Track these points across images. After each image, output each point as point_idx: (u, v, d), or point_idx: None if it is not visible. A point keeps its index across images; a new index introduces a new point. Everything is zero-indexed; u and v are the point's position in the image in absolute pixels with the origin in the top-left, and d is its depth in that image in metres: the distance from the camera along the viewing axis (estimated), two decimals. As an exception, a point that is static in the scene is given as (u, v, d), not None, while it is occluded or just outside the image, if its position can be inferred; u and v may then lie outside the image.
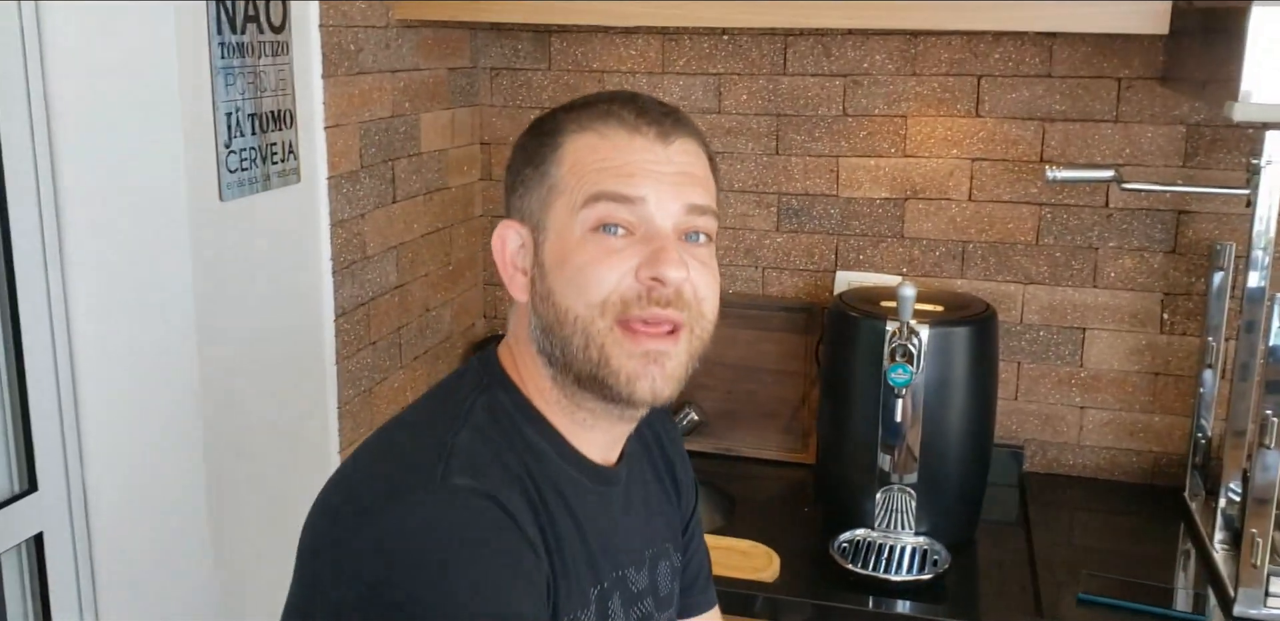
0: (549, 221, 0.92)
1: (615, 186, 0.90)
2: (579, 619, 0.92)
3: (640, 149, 0.91)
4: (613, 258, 0.89)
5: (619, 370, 0.89)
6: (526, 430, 0.93)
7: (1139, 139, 1.77)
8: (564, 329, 0.90)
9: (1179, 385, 1.82)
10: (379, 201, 1.69)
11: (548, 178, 0.93)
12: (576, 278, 0.89)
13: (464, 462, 0.86)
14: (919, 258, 1.90)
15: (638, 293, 0.88)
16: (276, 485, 1.49)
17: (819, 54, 1.87)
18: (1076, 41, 1.77)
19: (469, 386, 0.95)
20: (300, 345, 1.54)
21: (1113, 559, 1.61)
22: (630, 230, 0.90)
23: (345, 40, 1.56)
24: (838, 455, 1.69)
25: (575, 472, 0.94)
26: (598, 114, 0.93)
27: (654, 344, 0.89)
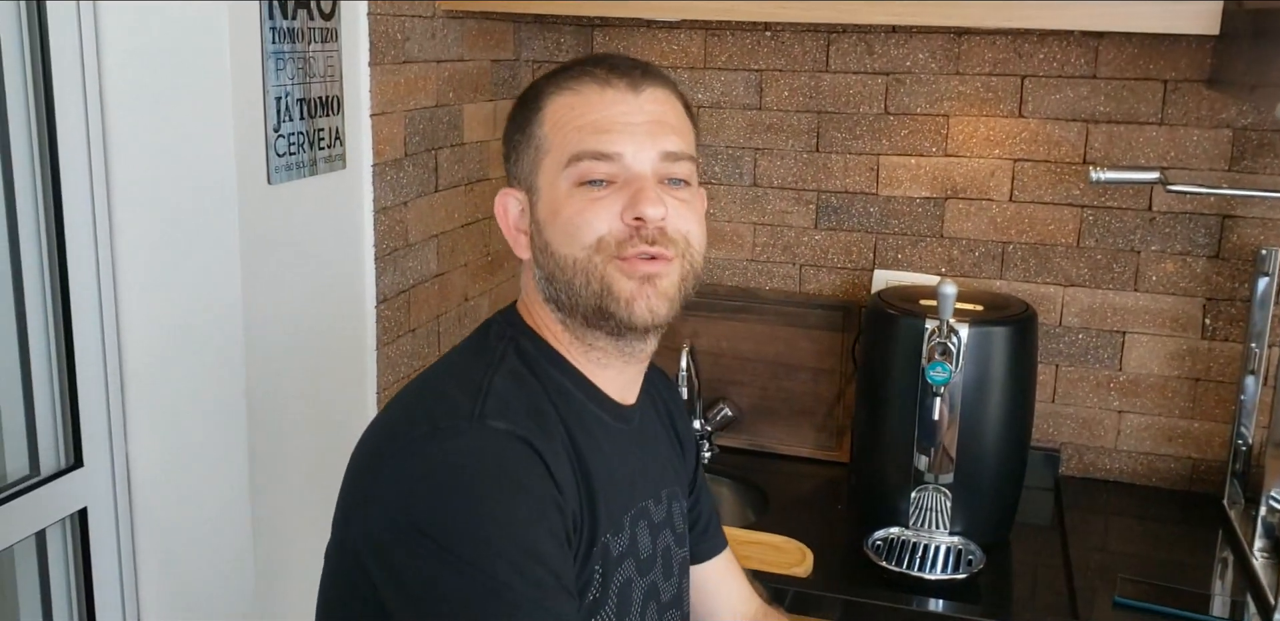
0: (539, 182, 1.00)
1: (593, 145, 0.96)
2: (614, 541, 0.98)
3: (612, 101, 0.97)
4: (597, 205, 0.96)
5: (619, 293, 0.96)
6: (552, 372, 0.99)
7: (1184, 142, 1.76)
8: (565, 273, 0.97)
9: (1219, 391, 1.80)
10: (421, 190, 1.70)
11: (533, 140, 1.00)
12: (568, 227, 0.96)
13: (499, 404, 0.92)
14: (958, 258, 1.89)
15: (627, 233, 0.95)
16: (315, 467, 1.50)
17: (861, 51, 1.87)
18: (1123, 42, 1.76)
19: (496, 336, 1.02)
20: (342, 330, 1.55)
21: (1149, 564, 1.59)
22: (611, 180, 0.96)
23: (393, 29, 1.57)
24: (873, 453, 1.68)
25: (598, 409, 1.01)
26: (572, 74, 1.00)
27: (648, 267, 0.96)
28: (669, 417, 1.17)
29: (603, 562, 0.96)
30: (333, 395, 1.53)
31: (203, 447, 1.36)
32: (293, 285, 1.42)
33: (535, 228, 1.00)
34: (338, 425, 1.55)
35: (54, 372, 1.32)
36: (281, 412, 1.41)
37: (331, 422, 1.53)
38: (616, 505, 0.99)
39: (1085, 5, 1.48)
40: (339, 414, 1.55)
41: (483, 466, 0.87)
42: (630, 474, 1.02)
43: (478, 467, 0.87)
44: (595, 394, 1.02)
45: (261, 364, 1.35)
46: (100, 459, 1.35)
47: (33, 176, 1.28)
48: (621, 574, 0.99)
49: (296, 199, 1.41)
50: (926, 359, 1.53)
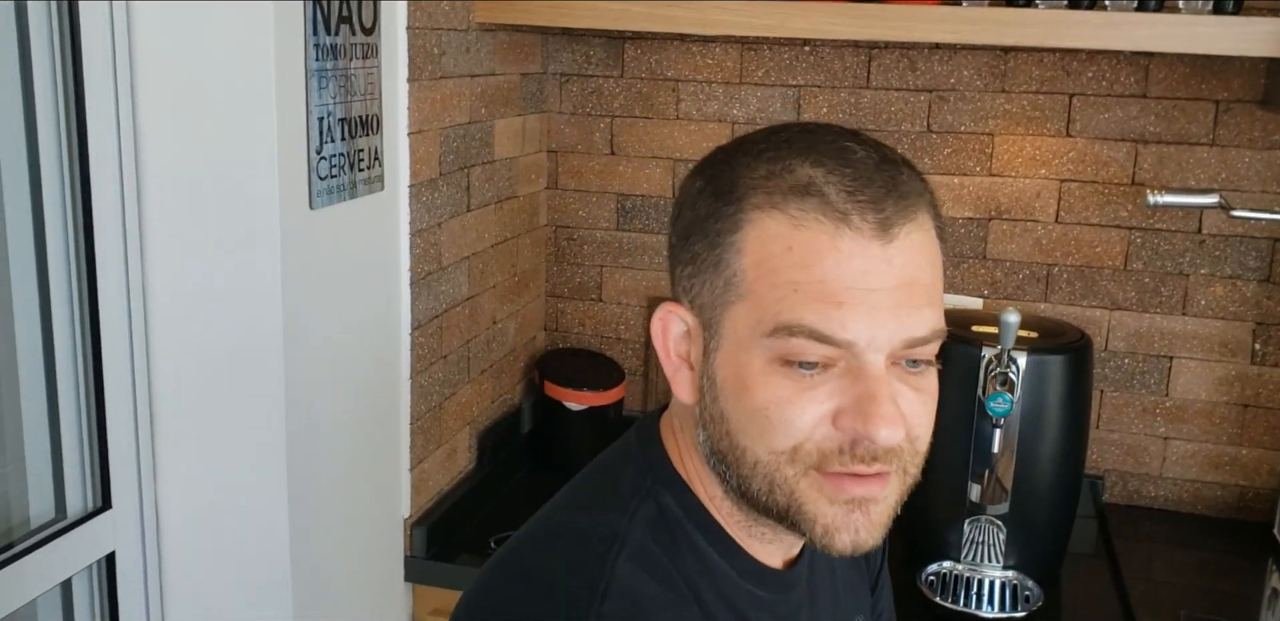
0: (725, 327, 0.75)
1: (815, 322, 0.70)
2: None
3: (850, 254, 0.70)
4: (804, 397, 0.72)
5: (815, 518, 0.73)
6: (698, 540, 0.78)
7: (1236, 163, 1.72)
8: (742, 469, 0.75)
9: (1269, 418, 1.77)
10: (454, 210, 1.64)
11: (724, 267, 0.74)
12: (758, 418, 0.72)
13: (625, 602, 0.73)
14: (1001, 280, 1.85)
15: (838, 444, 0.72)
16: (354, 508, 1.44)
17: (904, 68, 1.82)
18: (1174, 62, 1.72)
19: (630, 487, 0.80)
20: (378, 359, 1.49)
21: (1201, 593, 1.56)
22: (828, 365, 0.72)
23: (430, 43, 1.51)
24: (924, 484, 1.63)
25: (754, 586, 0.81)
26: (793, 187, 0.72)
27: (860, 489, 0.73)
28: None
29: None
30: (369, 428, 1.47)
31: (238, 487, 1.30)
32: (332, 314, 1.35)
33: (708, 383, 0.76)
34: (373, 459, 1.49)
35: (82, 410, 1.26)
36: (319, 448, 1.35)
37: (367, 457, 1.47)
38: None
39: (1147, 24, 1.44)
40: (374, 448, 1.49)
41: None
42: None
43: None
44: (751, 568, 0.80)
45: (300, 397, 1.29)
46: (129, 500, 1.29)
47: (63, 206, 1.21)
48: None
49: (336, 223, 1.34)
50: (986, 389, 1.48)
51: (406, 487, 1.57)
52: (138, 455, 1.29)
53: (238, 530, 1.30)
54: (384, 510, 1.53)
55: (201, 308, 1.26)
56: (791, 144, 0.75)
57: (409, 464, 1.57)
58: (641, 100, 1.94)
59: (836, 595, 0.91)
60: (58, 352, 1.23)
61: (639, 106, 1.95)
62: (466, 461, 1.76)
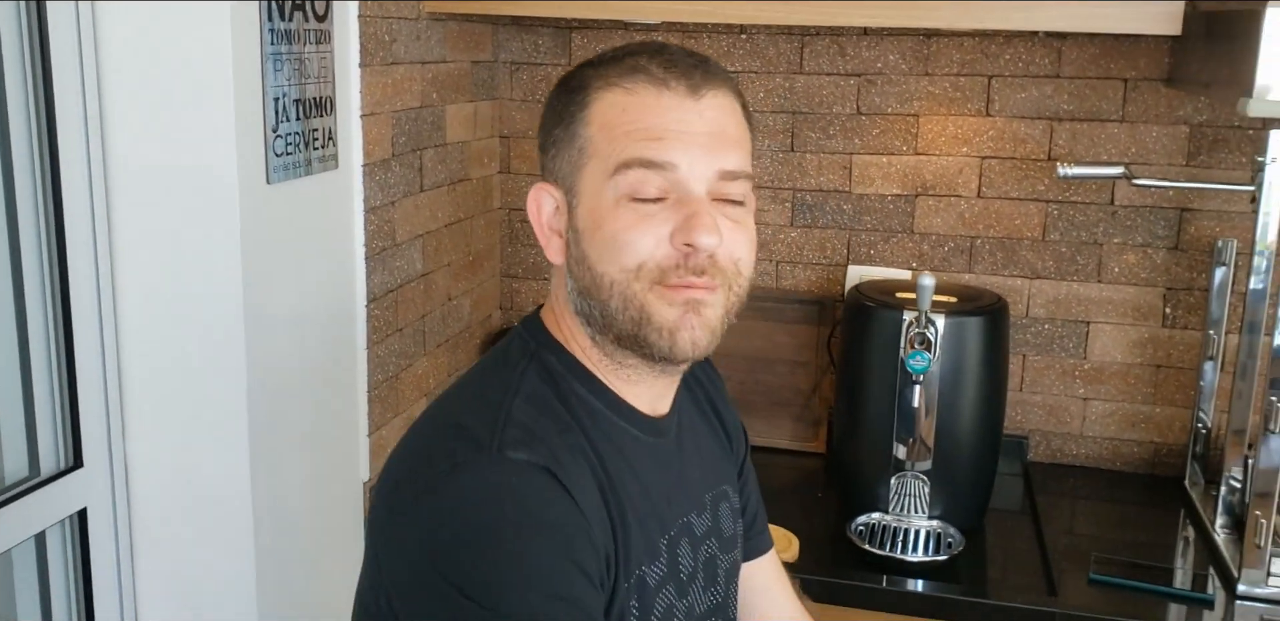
0: (581, 185, 0.92)
1: (645, 152, 0.89)
2: (650, 571, 0.94)
3: (669, 106, 0.89)
4: (645, 223, 0.89)
5: (660, 323, 0.90)
6: (579, 389, 0.94)
7: (1144, 138, 1.84)
8: (601, 293, 0.91)
9: (1180, 377, 1.88)
10: (408, 190, 1.73)
11: (577, 138, 0.92)
12: (611, 244, 0.89)
13: (520, 433, 0.87)
14: (928, 252, 1.95)
15: (674, 260, 0.89)
16: (313, 467, 1.52)
17: (834, 53, 1.93)
18: (1085, 43, 1.83)
19: (518, 353, 0.96)
20: (335, 329, 1.57)
21: (1117, 544, 1.66)
22: (663, 196, 0.89)
23: (381, 31, 1.60)
24: (852, 442, 1.74)
25: (630, 426, 0.96)
26: (624, 69, 0.91)
27: (692, 293, 0.90)
28: (711, 406, 1.12)
29: (639, 595, 0.92)
30: (327, 395, 1.55)
31: (203, 448, 1.37)
32: (290, 285, 1.44)
33: (573, 235, 0.93)
34: (331, 425, 1.57)
35: (54, 372, 1.33)
36: (280, 412, 1.43)
37: (326, 423, 1.56)
38: (654, 530, 0.95)
39: (1054, 7, 1.54)
40: (333, 413, 1.57)
41: (505, 504, 0.83)
42: (668, 490, 0.98)
43: (500, 506, 0.83)
44: (626, 410, 0.96)
45: (261, 363, 1.37)
46: (100, 459, 1.36)
47: (33, 178, 1.29)
48: (661, 602, 0.95)
49: (293, 198, 1.43)
50: (906, 349, 1.58)
51: (365, 452, 1.65)
52: (107, 418, 1.37)
53: (204, 489, 1.38)
54: (344, 473, 1.62)
55: (167, 276, 1.34)
56: (622, 49, 0.95)
57: (367, 430, 1.65)
58: (588, 87, 2.03)
59: (702, 456, 1.06)
60: (30, 321, 1.31)
61: (586, 93, 2.04)
62: (424, 431, 1.84)
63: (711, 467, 1.07)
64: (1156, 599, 1.49)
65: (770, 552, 1.20)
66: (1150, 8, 1.52)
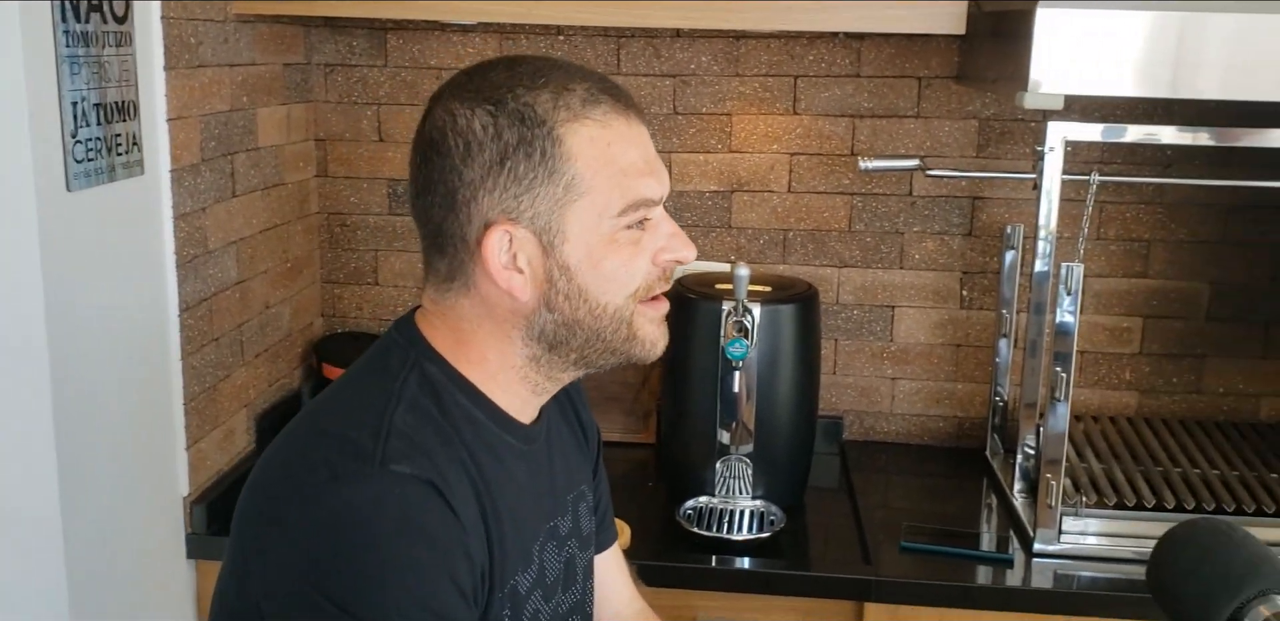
0: (569, 223, 0.92)
1: (648, 191, 0.94)
2: (522, 579, 0.96)
3: (636, 135, 0.95)
4: (637, 250, 0.95)
5: (644, 339, 0.97)
6: (460, 398, 0.95)
7: (937, 133, 1.96)
8: (599, 321, 0.95)
9: (978, 355, 2.01)
10: (219, 196, 1.70)
11: (558, 176, 0.91)
12: (616, 275, 0.94)
13: (403, 445, 0.87)
14: (745, 245, 2.03)
15: (657, 275, 0.96)
16: (128, 483, 1.48)
17: (650, 55, 1.98)
18: (882, 44, 1.94)
19: (398, 362, 0.96)
20: (146, 339, 1.53)
21: (927, 513, 1.77)
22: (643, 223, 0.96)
23: (185, 33, 1.57)
24: (679, 431, 1.79)
25: (508, 435, 0.98)
26: (581, 99, 0.92)
27: (663, 307, 0.98)
28: (571, 406, 1.15)
29: (511, 604, 0.94)
30: (141, 408, 1.52)
31: (7, 460, 1.32)
32: (96, 295, 1.40)
33: (559, 271, 0.93)
34: (147, 439, 1.54)
35: None
36: (90, 427, 1.39)
37: (141, 437, 1.52)
38: (527, 537, 0.97)
39: (852, 9, 1.63)
40: (146, 427, 1.54)
41: (385, 518, 0.84)
42: (539, 495, 1.01)
43: (380, 519, 0.83)
44: (504, 419, 0.98)
45: (67, 377, 1.33)
46: (-102, 482, 1.30)
47: None
48: (529, 607, 0.98)
49: (96, 206, 1.39)
50: (725, 337, 1.65)
51: (184, 467, 1.61)
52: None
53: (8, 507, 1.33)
54: (162, 489, 1.58)
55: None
56: (543, 73, 0.93)
57: (185, 443, 1.61)
58: (407, 88, 2.04)
59: (565, 458, 1.10)
60: None
61: (404, 94, 2.04)
62: (245, 443, 1.81)
63: (572, 469, 1.10)
64: (963, 562, 1.60)
65: (611, 551, 1.25)
66: (937, 9, 1.62)
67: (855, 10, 1.64)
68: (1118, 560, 1.57)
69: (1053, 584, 1.55)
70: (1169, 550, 0.87)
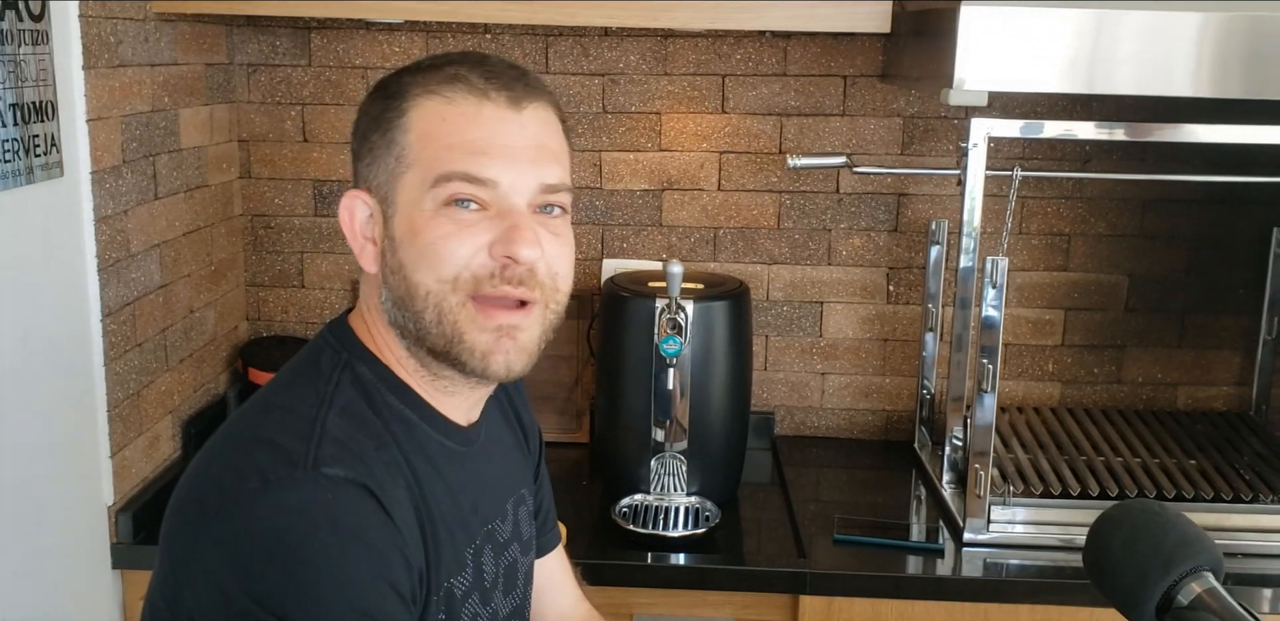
0: (398, 194, 0.91)
1: (466, 167, 0.88)
2: (457, 582, 0.95)
3: (491, 118, 0.90)
4: (464, 232, 0.89)
5: (473, 346, 0.90)
6: (392, 400, 0.93)
7: (863, 130, 1.99)
8: (415, 303, 0.90)
9: (905, 349, 2.05)
10: (141, 198, 1.66)
11: (394, 146, 0.91)
12: (428, 252, 0.89)
13: (336, 449, 0.86)
14: (676, 244, 2.04)
15: (490, 270, 0.89)
16: (50, 492, 1.45)
17: (578, 54, 1.98)
18: (808, 43, 1.96)
19: (329, 363, 0.94)
20: (68, 346, 1.50)
21: (859, 506, 1.80)
22: (483, 206, 0.90)
23: (105, 32, 1.53)
24: (614, 429, 1.80)
25: (443, 438, 0.96)
26: (444, 77, 0.91)
27: (506, 317, 0.90)
28: (512, 408, 1.13)
29: (447, 607, 0.93)
30: (63, 416, 1.48)
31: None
32: (14, 299, 1.36)
33: (389, 243, 0.91)
34: (70, 447, 1.50)
35: None
36: (9, 435, 1.35)
37: (63, 445, 1.48)
38: (462, 541, 0.96)
39: (778, 8, 1.65)
40: (69, 435, 1.50)
41: (319, 522, 0.82)
42: (475, 499, 0.99)
43: (313, 524, 0.82)
44: (439, 421, 0.96)
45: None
46: None
47: None
48: (467, 612, 0.97)
49: (13, 209, 1.35)
50: (659, 334, 1.66)
51: (108, 475, 1.58)
52: None
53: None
54: (86, 498, 1.54)
55: None
56: (442, 58, 0.95)
57: (109, 451, 1.58)
58: (332, 88, 2.01)
59: (506, 461, 1.09)
60: None
61: (329, 94, 2.02)
62: (171, 449, 1.77)
63: (513, 472, 1.09)
64: (895, 552, 1.63)
65: (555, 553, 1.24)
66: (862, 8, 1.65)
67: (782, 9, 1.66)
68: (1045, 547, 1.61)
69: (982, 572, 1.58)
70: (1104, 531, 0.89)
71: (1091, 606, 1.50)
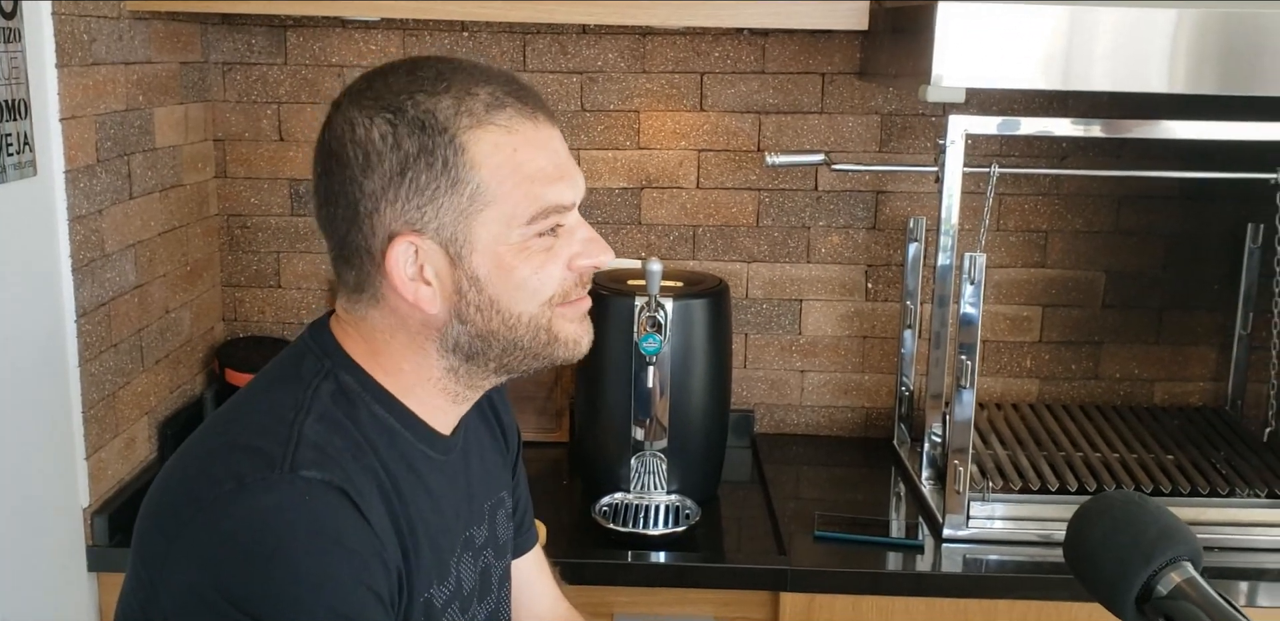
0: (476, 233, 0.90)
1: (560, 198, 0.91)
2: (438, 592, 0.94)
3: (546, 139, 0.92)
4: (551, 258, 0.92)
5: (566, 340, 0.95)
6: (377, 409, 0.93)
7: (841, 128, 1.99)
8: (515, 331, 0.92)
9: (884, 346, 2.05)
10: (116, 197, 1.65)
11: (462, 185, 0.88)
12: (527, 285, 0.91)
13: (313, 452, 0.86)
14: (655, 242, 2.04)
15: (574, 281, 0.94)
16: (25, 493, 1.43)
17: (556, 52, 1.98)
18: (786, 40, 1.97)
19: (311, 369, 0.93)
20: (42, 347, 1.48)
21: (839, 503, 1.80)
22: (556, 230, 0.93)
23: (78, 30, 1.52)
24: (593, 428, 1.79)
25: (424, 446, 0.96)
26: (486, 105, 0.89)
27: (584, 306, 0.96)
28: (491, 409, 1.13)
29: (427, 617, 0.93)
30: (37, 417, 1.46)
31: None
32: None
33: (468, 283, 0.91)
34: (44, 449, 1.49)
35: None
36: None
37: (38, 447, 1.47)
38: (444, 549, 0.96)
39: (756, 5, 1.65)
40: (45, 436, 1.48)
41: (296, 525, 0.82)
42: (455, 505, 0.99)
43: (290, 527, 0.82)
44: (421, 430, 0.96)
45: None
46: None
47: None
48: (447, 619, 0.97)
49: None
50: (638, 333, 1.65)
51: (83, 477, 1.56)
52: None
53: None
54: (61, 500, 1.53)
55: None
56: (445, 76, 0.90)
57: (84, 453, 1.56)
58: (308, 87, 2.00)
59: (484, 465, 1.08)
60: None
61: (305, 93, 2.00)
62: (147, 451, 1.76)
63: (491, 476, 1.09)
64: (874, 548, 1.63)
65: (533, 553, 1.23)
66: (839, 6, 1.65)
67: (759, 7, 1.66)
68: (1024, 543, 1.61)
69: (962, 568, 1.59)
70: (1085, 522, 0.90)
71: (1071, 601, 1.51)
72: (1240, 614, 0.80)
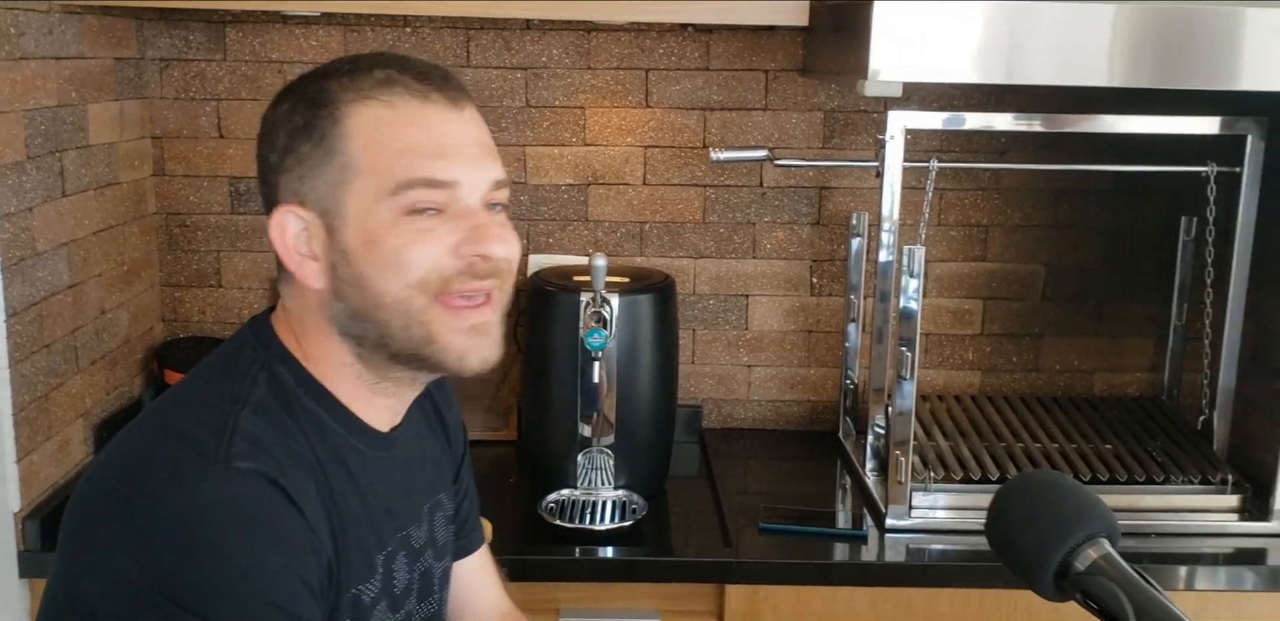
0: (347, 205, 0.89)
1: (427, 172, 0.88)
2: (365, 590, 0.94)
3: (436, 120, 0.90)
4: (427, 237, 0.89)
5: (447, 347, 0.90)
6: (309, 403, 0.93)
7: (785, 124, 2.00)
8: (381, 312, 0.90)
9: (828, 340, 2.07)
10: (47, 195, 1.62)
11: (334, 156, 0.89)
12: (393, 260, 0.88)
13: (248, 444, 0.86)
14: (603, 238, 2.04)
15: (457, 269, 0.89)
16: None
17: (500, 47, 1.97)
18: (730, 37, 1.97)
19: (247, 362, 0.93)
20: (-27, 345, 1.45)
21: (785, 496, 1.81)
22: (441, 210, 0.90)
23: (5, 23, 1.49)
24: (540, 425, 1.79)
25: (358, 442, 0.96)
26: (376, 81, 0.89)
27: (476, 316, 0.91)
28: (434, 409, 1.13)
29: (354, 614, 0.93)
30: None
31: None
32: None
33: (340, 257, 0.90)
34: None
35: None
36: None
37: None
38: (371, 547, 0.95)
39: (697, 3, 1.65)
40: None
41: (229, 514, 0.82)
42: (389, 505, 0.98)
43: (223, 516, 0.81)
44: (356, 425, 0.96)
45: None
46: None
47: None
48: (376, 618, 0.96)
49: (-89, 205, 1.31)
50: (584, 328, 1.65)
51: (14, 480, 1.53)
52: None
53: None
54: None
55: None
56: (359, 61, 0.93)
57: (14, 456, 1.53)
58: (248, 83, 1.98)
59: (425, 465, 1.07)
60: None
61: (245, 89, 1.98)
62: (83, 453, 1.73)
63: (431, 476, 1.09)
64: (819, 540, 1.64)
65: (479, 554, 1.23)
66: (781, 4, 1.66)
67: (702, 3, 1.67)
68: (966, 532, 1.63)
69: (905, 557, 1.60)
70: (1004, 503, 0.91)
71: (1012, 589, 1.53)
72: (1156, 589, 0.82)
